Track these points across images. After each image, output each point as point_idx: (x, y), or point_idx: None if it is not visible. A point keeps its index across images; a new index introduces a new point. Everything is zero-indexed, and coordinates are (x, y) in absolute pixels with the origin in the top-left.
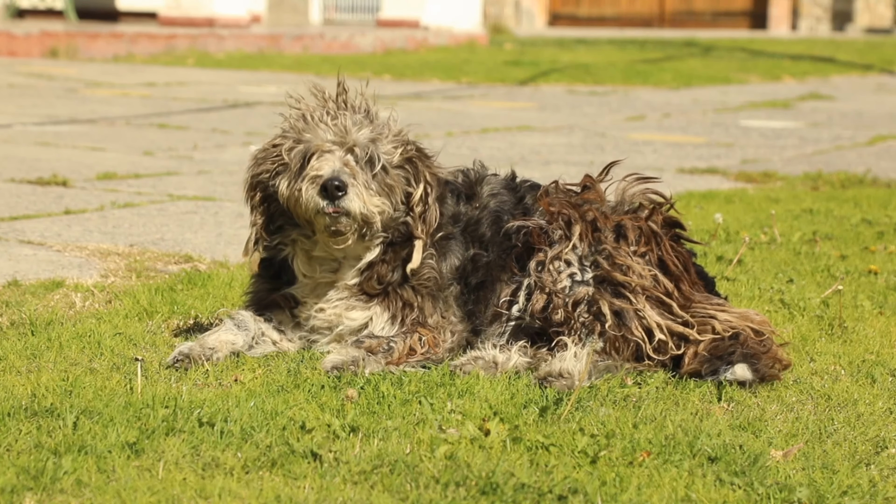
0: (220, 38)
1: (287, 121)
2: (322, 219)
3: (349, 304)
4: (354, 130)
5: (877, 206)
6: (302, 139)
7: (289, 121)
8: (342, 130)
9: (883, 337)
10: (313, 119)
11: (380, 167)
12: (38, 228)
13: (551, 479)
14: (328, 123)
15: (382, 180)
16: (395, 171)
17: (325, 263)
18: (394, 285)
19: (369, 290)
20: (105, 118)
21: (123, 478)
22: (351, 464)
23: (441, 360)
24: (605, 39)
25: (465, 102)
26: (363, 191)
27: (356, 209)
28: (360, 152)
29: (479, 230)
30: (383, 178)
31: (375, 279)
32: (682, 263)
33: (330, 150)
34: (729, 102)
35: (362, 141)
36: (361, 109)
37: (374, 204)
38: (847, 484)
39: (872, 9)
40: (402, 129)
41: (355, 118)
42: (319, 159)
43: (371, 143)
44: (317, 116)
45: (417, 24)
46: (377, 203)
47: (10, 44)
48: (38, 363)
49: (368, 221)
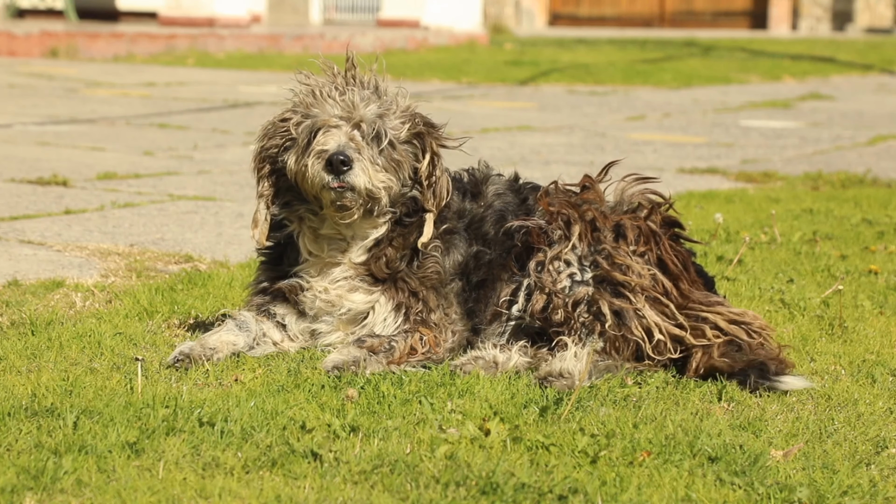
0: (220, 37)
1: (296, 95)
2: (328, 194)
3: (353, 285)
4: (362, 106)
5: (877, 206)
6: (310, 114)
7: (298, 95)
8: (349, 106)
9: (883, 337)
10: (321, 94)
11: (387, 142)
12: (38, 228)
13: (551, 479)
14: (336, 99)
15: (389, 156)
16: (403, 147)
17: (332, 242)
18: (402, 274)
19: (377, 272)
20: (105, 118)
21: (123, 478)
22: (351, 464)
23: (441, 359)
24: (606, 39)
25: (465, 102)
26: (369, 166)
27: (361, 184)
28: (367, 128)
29: (483, 228)
30: (390, 153)
31: (384, 262)
32: (681, 263)
33: (336, 125)
34: (729, 102)
35: (369, 116)
36: (370, 85)
37: (380, 179)
38: (847, 484)
39: (872, 9)
40: (410, 104)
41: (363, 94)
42: (325, 134)
43: (378, 119)
44: (325, 91)
45: (417, 24)
46: (383, 178)
47: (10, 44)
48: (38, 363)
49: (374, 197)
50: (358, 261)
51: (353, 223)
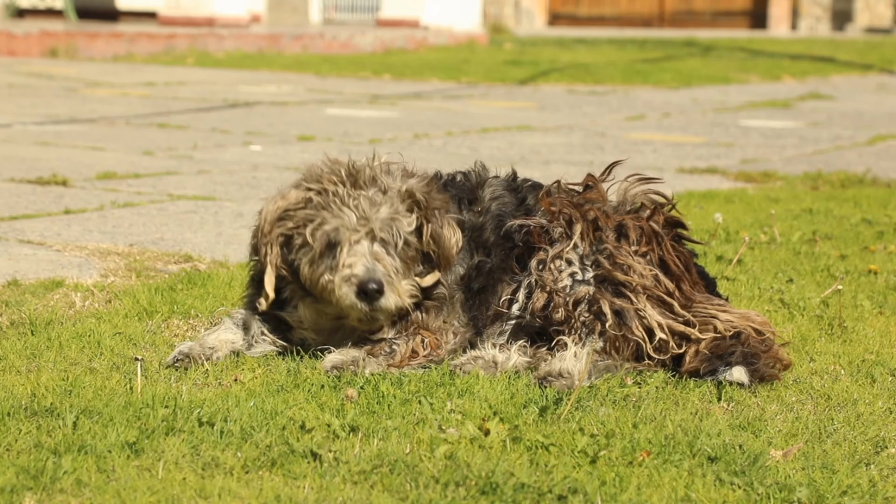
0: (219, 37)
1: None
2: (357, 313)
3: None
4: (373, 213)
5: (877, 206)
6: (325, 221)
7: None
8: (363, 214)
9: (883, 337)
10: (332, 198)
11: (402, 244)
12: (37, 228)
13: (551, 479)
14: (350, 206)
15: (405, 254)
16: (412, 237)
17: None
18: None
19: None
20: (105, 118)
21: (123, 477)
22: (351, 464)
23: (442, 360)
24: (605, 39)
25: (464, 102)
26: (397, 284)
27: (392, 305)
28: (385, 236)
29: (483, 236)
30: (405, 252)
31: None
32: (683, 263)
33: (357, 240)
34: (729, 102)
35: (381, 222)
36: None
37: (406, 291)
38: (847, 484)
39: (872, 8)
40: (409, 186)
41: (371, 197)
42: (350, 254)
43: (391, 222)
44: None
45: (417, 23)
46: (408, 288)
47: (9, 43)
48: (37, 363)
49: (402, 309)
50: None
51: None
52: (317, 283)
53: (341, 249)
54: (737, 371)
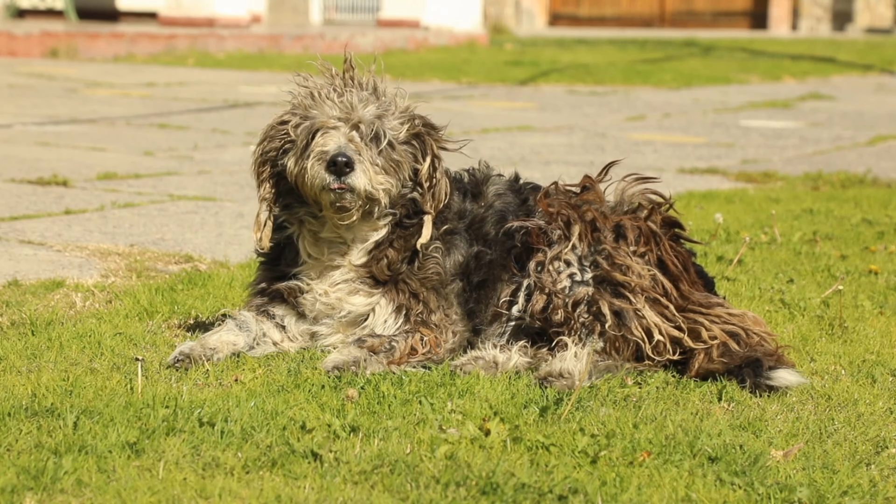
0: (220, 38)
1: (295, 97)
2: (327, 195)
3: (353, 288)
4: (360, 107)
5: (877, 206)
6: (308, 116)
7: (297, 97)
8: (348, 107)
9: (883, 337)
10: (320, 96)
11: (385, 143)
12: (38, 228)
13: (551, 479)
14: (334, 100)
15: (388, 157)
16: (402, 147)
17: (332, 245)
18: (402, 275)
19: (378, 274)
20: (105, 118)
21: (124, 478)
22: (351, 464)
23: (442, 360)
24: (606, 39)
25: (465, 102)
26: (369, 167)
27: (361, 186)
28: (366, 129)
29: (484, 228)
30: (389, 154)
31: (385, 263)
32: (681, 263)
33: (335, 126)
34: (729, 102)
35: (368, 117)
36: (369, 86)
37: (380, 182)
38: (847, 484)
39: (872, 9)
40: (409, 105)
41: (361, 95)
42: (324, 136)
43: (377, 120)
44: (323, 93)
45: (417, 24)
46: (382, 181)
47: (10, 44)
48: (38, 363)
49: (373, 198)
50: (358, 263)
51: (353, 225)
52: (299, 175)
53: (320, 135)
54: (784, 373)
